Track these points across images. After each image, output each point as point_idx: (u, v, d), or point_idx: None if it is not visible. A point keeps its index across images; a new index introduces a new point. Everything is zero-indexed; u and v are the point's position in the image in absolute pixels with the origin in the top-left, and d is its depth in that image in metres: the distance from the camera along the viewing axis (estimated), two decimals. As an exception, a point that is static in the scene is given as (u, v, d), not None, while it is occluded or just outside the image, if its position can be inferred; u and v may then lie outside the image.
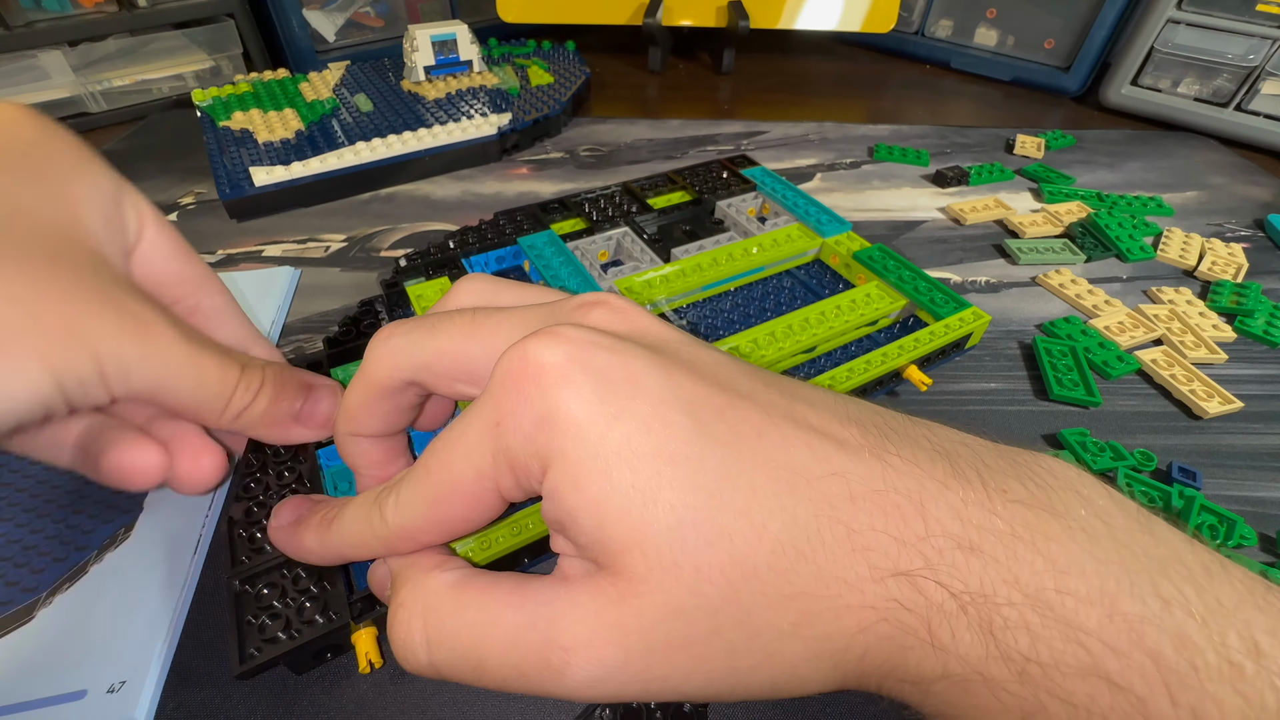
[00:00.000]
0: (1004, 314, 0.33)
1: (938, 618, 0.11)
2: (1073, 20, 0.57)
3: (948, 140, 0.51)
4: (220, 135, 0.44)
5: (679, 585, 0.11)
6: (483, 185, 0.44)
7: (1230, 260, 0.37)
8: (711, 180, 0.38)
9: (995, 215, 0.41)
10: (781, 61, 0.69)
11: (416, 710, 0.18)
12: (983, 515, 0.12)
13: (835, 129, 0.53)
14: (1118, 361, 0.30)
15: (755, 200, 0.38)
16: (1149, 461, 0.25)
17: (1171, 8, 0.51)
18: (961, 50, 0.64)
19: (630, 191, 0.37)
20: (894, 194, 0.44)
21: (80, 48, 0.49)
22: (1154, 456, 0.25)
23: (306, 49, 0.57)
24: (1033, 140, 0.49)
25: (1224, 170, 0.47)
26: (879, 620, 0.11)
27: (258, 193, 0.39)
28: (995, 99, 0.60)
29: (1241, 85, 0.50)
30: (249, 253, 0.36)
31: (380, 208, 0.41)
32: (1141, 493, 0.24)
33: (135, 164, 0.45)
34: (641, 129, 0.52)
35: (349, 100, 0.49)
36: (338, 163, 0.41)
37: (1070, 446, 0.26)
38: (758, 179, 0.38)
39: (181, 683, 0.19)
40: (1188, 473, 0.24)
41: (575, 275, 0.30)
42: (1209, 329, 0.32)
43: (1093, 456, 0.25)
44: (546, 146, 0.49)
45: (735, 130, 0.52)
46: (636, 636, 0.12)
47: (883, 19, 0.59)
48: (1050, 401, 0.28)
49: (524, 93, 0.51)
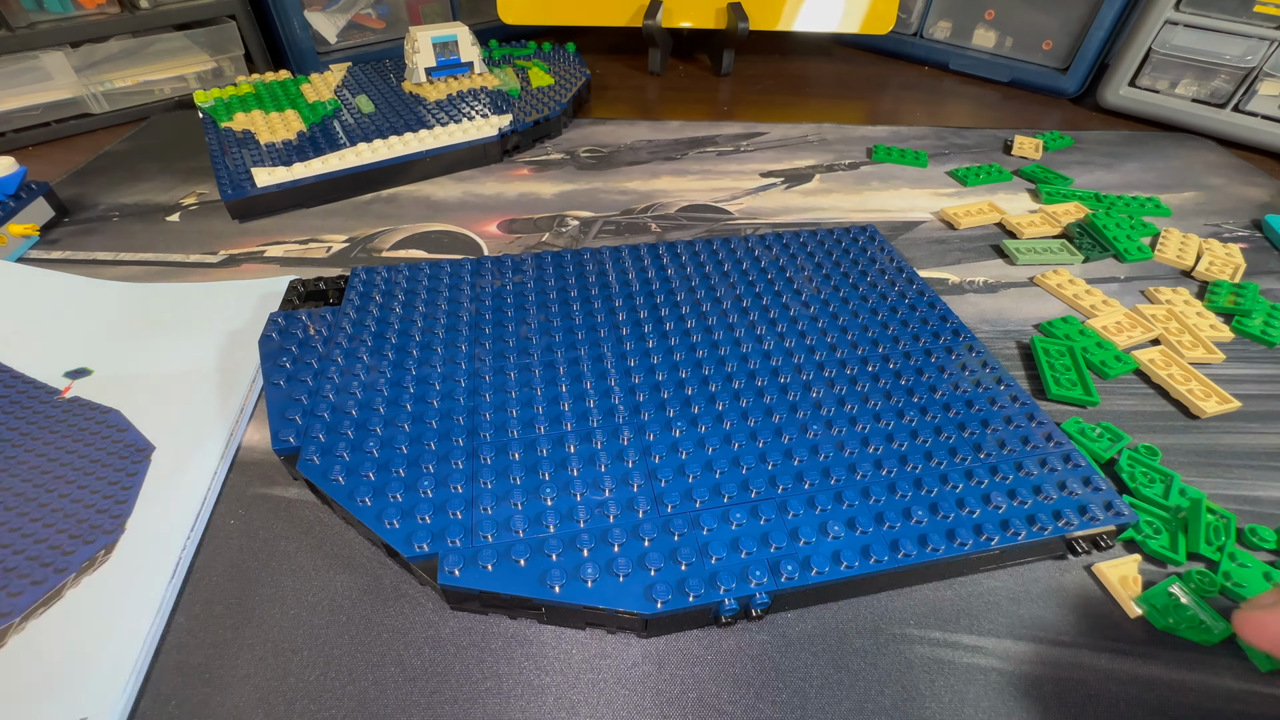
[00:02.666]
0: (1002, 314, 0.33)
1: None
2: (1071, 22, 0.58)
3: (946, 141, 0.51)
4: (222, 136, 0.44)
5: None
6: (483, 186, 0.44)
7: (1228, 260, 0.37)
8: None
9: (989, 219, 0.41)
10: (781, 63, 0.69)
11: (420, 709, 0.18)
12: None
13: (834, 130, 0.53)
14: (1115, 361, 0.30)
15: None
16: (1153, 455, 0.25)
17: (1169, 9, 0.51)
18: (960, 52, 0.65)
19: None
20: (893, 195, 0.44)
21: (82, 49, 0.49)
22: (1158, 450, 0.25)
23: (308, 50, 0.57)
24: (1031, 141, 0.50)
25: (1221, 171, 0.48)
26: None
27: (259, 193, 0.39)
28: (993, 100, 0.60)
29: (1239, 86, 0.50)
30: (251, 253, 0.37)
31: (381, 208, 0.41)
32: (1142, 472, 0.24)
33: (137, 165, 0.46)
34: (641, 130, 0.52)
35: (350, 101, 0.49)
36: (339, 164, 0.41)
37: (1071, 436, 0.26)
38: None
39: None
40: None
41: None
42: (1206, 329, 0.32)
43: (1090, 441, 0.26)
44: (547, 147, 0.49)
45: (735, 131, 0.52)
46: None
47: (881, 20, 0.60)
48: (1049, 401, 0.28)
49: (525, 94, 0.51)
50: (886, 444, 0.23)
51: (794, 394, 0.25)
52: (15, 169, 0.38)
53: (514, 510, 0.21)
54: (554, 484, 0.22)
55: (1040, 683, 0.19)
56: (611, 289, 0.31)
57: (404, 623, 0.20)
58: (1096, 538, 0.22)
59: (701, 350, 0.27)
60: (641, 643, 0.20)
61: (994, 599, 0.21)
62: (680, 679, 0.19)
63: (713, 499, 0.21)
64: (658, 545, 0.20)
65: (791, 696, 0.19)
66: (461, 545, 0.20)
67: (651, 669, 0.19)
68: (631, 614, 0.19)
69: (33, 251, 0.37)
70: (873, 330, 0.29)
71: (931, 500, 0.22)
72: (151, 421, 0.26)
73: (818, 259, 0.34)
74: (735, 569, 0.19)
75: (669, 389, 0.25)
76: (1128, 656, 0.20)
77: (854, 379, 0.26)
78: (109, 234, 0.38)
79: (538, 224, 0.40)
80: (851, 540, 0.20)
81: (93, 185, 0.43)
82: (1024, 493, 0.22)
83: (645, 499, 0.21)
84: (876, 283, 0.32)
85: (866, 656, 0.20)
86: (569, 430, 0.23)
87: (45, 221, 0.38)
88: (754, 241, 0.35)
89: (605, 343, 0.27)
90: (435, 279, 0.31)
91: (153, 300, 0.33)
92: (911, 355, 0.28)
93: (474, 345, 0.27)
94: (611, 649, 0.20)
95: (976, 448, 0.23)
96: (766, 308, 0.30)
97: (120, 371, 0.28)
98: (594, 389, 0.25)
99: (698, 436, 0.23)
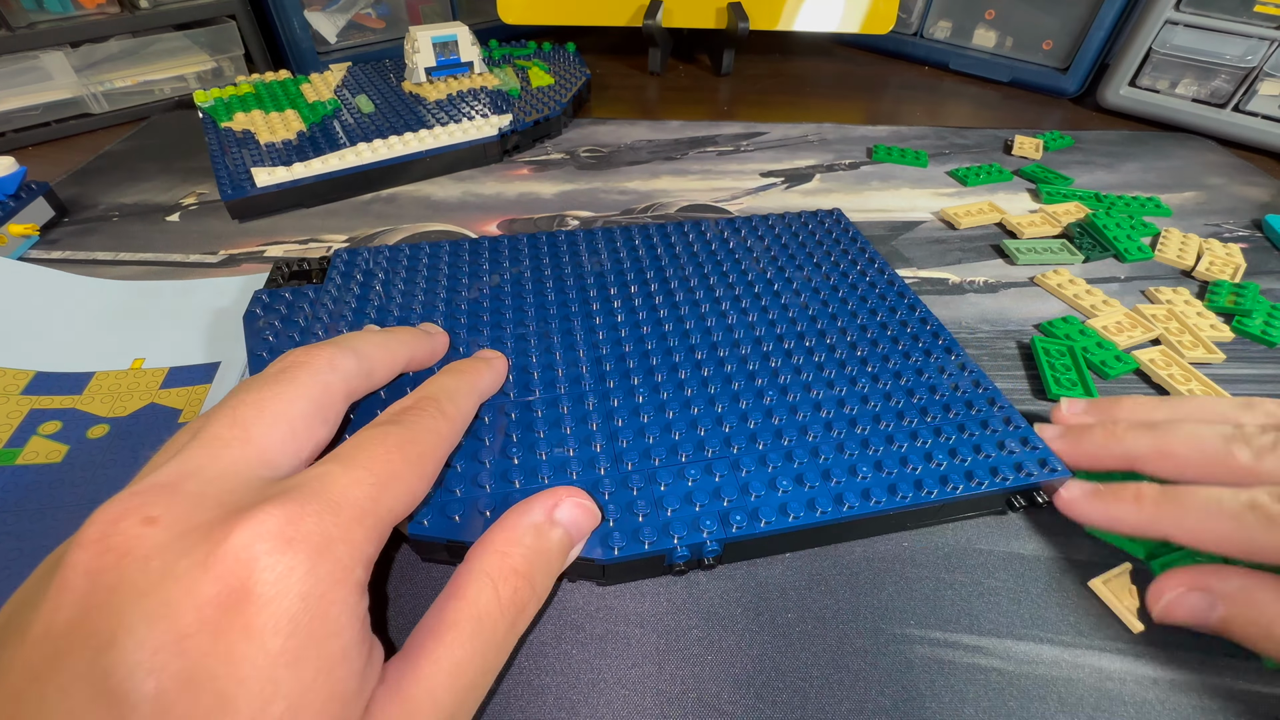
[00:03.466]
0: (1002, 314, 0.33)
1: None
2: (1071, 21, 0.58)
3: (946, 141, 0.51)
4: (222, 136, 0.44)
5: None
6: (484, 186, 0.44)
7: (1228, 260, 0.37)
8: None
9: (990, 219, 0.41)
10: (781, 63, 0.69)
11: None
12: None
13: (834, 130, 0.53)
14: (1116, 361, 0.30)
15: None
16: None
17: (1169, 9, 0.51)
18: (960, 51, 0.65)
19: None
20: (893, 195, 0.44)
21: (82, 49, 0.49)
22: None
23: (308, 50, 0.57)
24: (1031, 141, 0.50)
25: (1222, 171, 0.48)
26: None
27: (259, 193, 0.39)
28: (994, 100, 0.60)
29: (1239, 86, 0.50)
30: (251, 253, 0.37)
31: (381, 208, 0.41)
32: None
33: (137, 165, 0.46)
34: (641, 130, 0.52)
35: (350, 101, 0.49)
36: (339, 163, 0.41)
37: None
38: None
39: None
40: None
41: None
42: (1206, 329, 0.32)
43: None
44: (547, 147, 0.49)
45: (735, 131, 0.52)
46: None
47: (881, 20, 0.60)
48: (1049, 401, 0.28)
49: (524, 94, 0.51)
50: (837, 408, 0.24)
51: (753, 363, 0.26)
52: (15, 169, 0.38)
53: (481, 467, 0.22)
54: (521, 445, 0.22)
55: (1041, 683, 0.19)
56: (584, 268, 0.32)
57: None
58: (1033, 493, 0.23)
59: (667, 324, 0.29)
60: (642, 642, 0.20)
61: (994, 599, 0.21)
62: (680, 679, 0.19)
63: (670, 458, 0.22)
64: (616, 498, 0.21)
65: (791, 696, 0.19)
66: (432, 499, 0.20)
67: (651, 669, 0.19)
68: (589, 560, 0.19)
69: (32, 251, 0.37)
70: (832, 305, 0.30)
71: (876, 458, 0.23)
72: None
73: (784, 240, 0.35)
74: (688, 519, 0.20)
75: (634, 359, 0.26)
76: (1128, 656, 0.20)
77: (810, 349, 0.27)
78: (109, 234, 0.38)
79: (538, 224, 0.40)
80: (799, 494, 0.21)
81: (93, 185, 0.43)
82: (964, 451, 0.23)
83: (606, 458, 0.22)
84: (839, 261, 0.33)
85: (866, 656, 0.20)
86: (537, 397, 0.24)
87: (45, 221, 0.38)
88: (724, 225, 0.36)
89: (575, 317, 0.29)
90: (414, 260, 0.32)
91: (153, 296, 0.33)
92: (867, 327, 0.29)
93: (449, 320, 0.28)
94: (611, 648, 0.20)
95: (923, 411, 0.24)
96: (732, 284, 0.31)
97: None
98: (562, 359, 0.26)
99: (659, 402, 0.24)
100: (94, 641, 0.12)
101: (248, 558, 0.12)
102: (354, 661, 0.13)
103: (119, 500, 0.13)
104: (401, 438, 0.17)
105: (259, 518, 0.13)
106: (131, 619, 0.12)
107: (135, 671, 0.11)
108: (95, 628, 0.12)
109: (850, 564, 0.22)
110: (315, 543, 0.13)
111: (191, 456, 0.15)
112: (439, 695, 0.14)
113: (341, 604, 0.13)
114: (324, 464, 0.16)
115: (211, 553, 0.12)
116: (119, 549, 0.13)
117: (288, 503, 0.14)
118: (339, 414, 0.19)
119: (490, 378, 0.24)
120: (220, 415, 0.16)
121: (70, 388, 0.27)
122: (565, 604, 0.21)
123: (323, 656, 0.13)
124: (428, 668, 0.15)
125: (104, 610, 0.12)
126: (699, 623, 0.20)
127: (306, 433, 0.17)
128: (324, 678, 0.13)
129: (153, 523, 0.13)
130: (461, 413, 0.20)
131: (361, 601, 0.14)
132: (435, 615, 0.16)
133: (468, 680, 0.15)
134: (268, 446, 0.16)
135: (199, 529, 0.13)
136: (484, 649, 0.15)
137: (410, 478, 0.17)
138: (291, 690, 0.12)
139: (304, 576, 0.13)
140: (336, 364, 0.19)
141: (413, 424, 0.18)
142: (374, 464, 0.16)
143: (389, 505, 0.16)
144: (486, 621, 0.16)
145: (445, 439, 0.19)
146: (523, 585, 0.17)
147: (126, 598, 0.12)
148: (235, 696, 0.12)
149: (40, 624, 0.12)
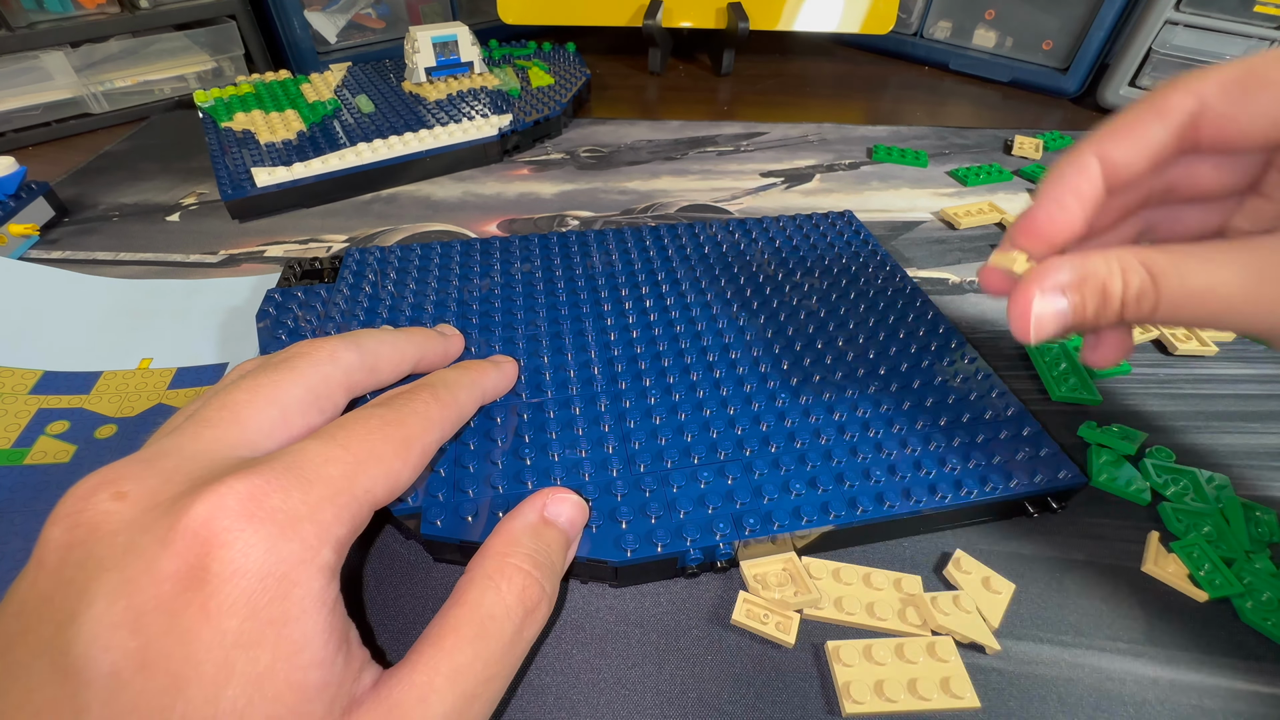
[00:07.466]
0: (1003, 314, 0.33)
1: None
2: (1071, 22, 0.58)
3: (946, 141, 0.51)
4: (222, 136, 0.44)
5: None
6: (484, 186, 0.44)
7: (1228, 260, 0.37)
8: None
9: (990, 219, 0.41)
10: (781, 63, 0.69)
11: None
12: None
13: (834, 130, 0.53)
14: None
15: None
16: (1169, 456, 0.25)
17: (1169, 9, 0.51)
18: (960, 52, 0.65)
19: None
20: (893, 195, 0.44)
21: (82, 49, 0.49)
22: (1172, 453, 0.25)
23: (308, 50, 0.57)
24: (1031, 141, 0.50)
25: (1222, 171, 0.48)
26: None
27: (259, 193, 0.39)
28: (994, 100, 0.60)
29: (1239, 86, 0.50)
30: (251, 253, 0.37)
31: (382, 208, 0.41)
32: (1162, 468, 0.25)
33: (137, 165, 0.46)
34: (642, 130, 0.52)
35: (350, 101, 0.49)
36: (339, 163, 0.41)
37: (1089, 440, 0.26)
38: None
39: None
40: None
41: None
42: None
43: (1116, 440, 0.26)
44: (547, 147, 0.49)
45: (735, 131, 0.52)
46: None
47: (881, 20, 0.60)
48: (1054, 402, 0.28)
49: (525, 94, 0.51)
50: (851, 412, 0.24)
51: (765, 365, 0.26)
52: (15, 169, 0.38)
53: (494, 468, 0.21)
54: (533, 446, 0.22)
55: (1041, 683, 0.19)
56: (595, 269, 0.32)
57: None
58: (1046, 499, 0.23)
59: (680, 325, 0.28)
60: (642, 643, 0.20)
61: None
62: (680, 679, 0.19)
63: (683, 460, 0.22)
64: (629, 501, 0.21)
65: (791, 696, 0.19)
66: (445, 500, 0.20)
67: (651, 669, 0.19)
68: (602, 562, 0.19)
69: (32, 251, 0.37)
70: (844, 306, 0.30)
71: (890, 462, 0.22)
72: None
73: (795, 241, 0.35)
74: (701, 522, 0.20)
75: (646, 360, 0.26)
76: (1128, 656, 0.20)
77: (823, 351, 0.27)
78: (109, 234, 0.38)
79: (538, 224, 0.40)
80: (812, 498, 0.21)
81: (93, 185, 0.43)
82: (978, 456, 0.23)
83: (619, 460, 0.22)
84: (851, 263, 0.33)
85: (867, 656, 0.20)
86: (549, 397, 0.24)
87: (45, 221, 0.38)
88: (734, 225, 0.36)
89: (587, 318, 0.29)
90: (426, 259, 0.32)
91: (161, 296, 0.33)
92: (880, 330, 0.29)
93: (462, 320, 0.28)
94: (611, 648, 0.20)
95: (937, 415, 0.24)
96: (743, 285, 0.31)
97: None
98: (574, 360, 0.26)
99: (671, 404, 0.24)
100: (58, 616, 0.12)
101: (207, 534, 0.12)
102: (317, 650, 0.13)
103: (94, 475, 0.13)
104: (386, 419, 0.17)
105: (220, 491, 0.13)
106: (93, 594, 0.12)
107: (92, 648, 0.11)
108: (61, 603, 0.12)
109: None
110: (279, 520, 0.13)
111: (175, 436, 0.15)
112: (431, 703, 0.14)
113: (305, 587, 0.13)
114: (301, 441, 0.15)
115: (172, 527, 0.12)
116: (88, 524, 0.12)
117: (253, 476, 0.13)
118: (337, 406, 0.18)
119: (496, 378, 0.23)
120: (213, 398, 0.16)
121: (78, 387, 0.27)
122: (565, 604, 0.21)
123: (282, 642, 0.12)
124: (422, 674, 0.14)
125: (70, 586, 0.12)
126: (699, 623, 0.20)
127: (300, 419, 0.17)
128: (282, 664, 0.12)
129: (122, 498, 0.13)
130: (458, 403, 0.20)
131: (330, 586, 0.14)
132: (436, 623, 0.15)
133: (467, 688, 0.14)
134: (254, 429, 0.16)
135: (164, 504, 0.13)
136: (487, 654, 0.15)
137: (391, 460, 0.16)
138: (246, 675, 0.12)
139: (264, 555, 0.12)
140: (338, 356, 0.19)
141: (401, 407, 0.18)
142: (352, 442, 0.15)
143: (365, 486, 0.15)
144: (490, 625, 0.15)
145: (436, 425, 0.18)
146: (530, 584, 0.16)
147: (92, 573, 0.12)
148: (188, 678, 0.11)
149: (16, 598, 0.12)
